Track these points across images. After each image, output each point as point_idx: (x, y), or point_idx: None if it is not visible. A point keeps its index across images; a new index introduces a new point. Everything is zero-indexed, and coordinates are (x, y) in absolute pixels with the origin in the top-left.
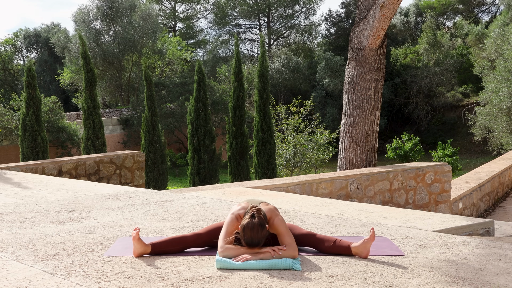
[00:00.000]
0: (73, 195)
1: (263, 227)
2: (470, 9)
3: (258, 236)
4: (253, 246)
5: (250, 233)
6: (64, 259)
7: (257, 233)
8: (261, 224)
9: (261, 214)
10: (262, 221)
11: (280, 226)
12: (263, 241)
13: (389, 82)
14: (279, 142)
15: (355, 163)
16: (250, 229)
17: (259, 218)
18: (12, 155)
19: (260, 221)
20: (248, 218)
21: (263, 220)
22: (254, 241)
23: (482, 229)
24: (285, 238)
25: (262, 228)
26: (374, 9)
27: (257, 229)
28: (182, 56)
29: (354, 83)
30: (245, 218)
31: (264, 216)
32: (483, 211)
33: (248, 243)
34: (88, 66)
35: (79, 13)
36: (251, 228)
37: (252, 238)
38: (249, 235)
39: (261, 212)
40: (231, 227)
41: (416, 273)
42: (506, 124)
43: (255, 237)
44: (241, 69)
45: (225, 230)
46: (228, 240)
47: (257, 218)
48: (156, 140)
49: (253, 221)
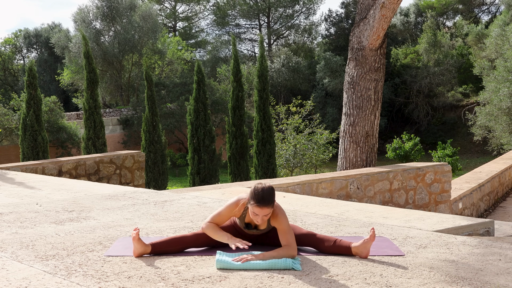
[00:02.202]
0: (73, 195)
1: (272, 192)
2: (470, 9)
3: (268, 195)
4: (263, 204)
5: (261, 191)
6: (64, 259)
7: (268, 193)
8: (271, 189)
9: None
10: (272, 189)
11: (283, 222)
12: (271, 205)
13: (389, 82)
14: (279, 142)
15: (355, 163)
16: (261, 188)
17: (270, 186)
18: (12, 155)
19: (270, 187)
20: (258, 184)
21: (273, 190)
22: (265, 198)
23: (482, 229)
24: (286, 236)
25: (272, 192)
26: (374, 9)
27: (267, 190)
28: (182, 56)
29: (354, 83)
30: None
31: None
32: (483, 211)
33: (258, 199)
34: (90, 66)
35: (79, 13)
36: (262, 187)
37: (263, 195)
38: (260, 192)
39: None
40: (228, 210)
41: (416, 273)
42: (506, 124)
43: (266, 195)
44: (240, 69)
45: (222, 209)
46: (215, 219)
47: (268, 185)
48: (156, 140)
49: (263, 184)
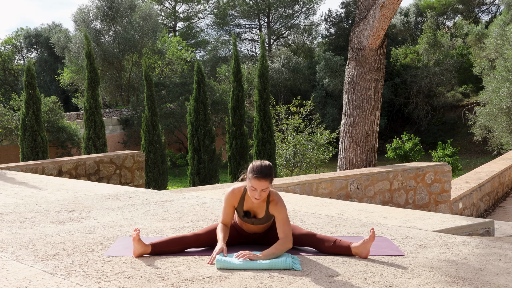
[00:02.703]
0: (73, 195)
1: (271, 168)
2: (470, 9)
3: (266, 169)
4: (261, 176)
5: (260, 165)
6: (64, 259)
7: (266, 167)
8: (270, 165)
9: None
10: (271, 165)
11: (283, 211)
12: (269, 179)
13: (389, 82)
14: (279, 142)
15: (355, 163)
16: (260, 162)
17: (268, 163)
18: (12, 155)
19: (269, 163)
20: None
21: (271, 166)
22: (264, 171)
23: (482, 229)
24: (284, 227)
25: (270, 167)
26: (374, 9)
27: (266, 164)
28: (182, 56)
29: (354, 83)
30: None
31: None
32: (483, 211)
33: (257, 171)
34: (91, 65)
35: (79, 13)
36: (260, 162)
37: (261, 168)
38: (259, 166)
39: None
40: (227, 202)
41: (416, 273)
42: (506, 124)
43: (264, 168)
44: (240, 69)
45: (224, 205)
46: (223, 218)
47: (266, 161)
48: (156, 140)
49: (262, 160)
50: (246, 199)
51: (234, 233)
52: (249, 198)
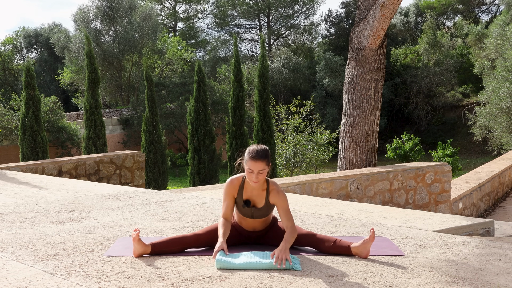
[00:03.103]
0: (73, 195)
1: (267, 150)
2: (470, 9)
3: (262, 151)
4: (257, 157)
5: (256, 147)
6: (64, 259)
7: (262, 149)
8: (266, 148)
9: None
10: (267, 149)
11: (284, 199)
12: (265, 160)
13: (389, 82)
14: (279, 142)
15: (355, 163)
16: (256, 146)
17: (265, 146)
18: (12, 155)
19: (265, 147)
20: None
21: (268, 150)
22: (259, 152)
23: (482, 229)
24: (288, 215)
25: (266, 150)
26: (374, 9)
27: (262, 147)
28: (182, 56)
29: (354, 83)
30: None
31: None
32: (483, 211)
33: (253, 153)
34: (92, 65)
35: (79, 13)
36: (256, 145)
37: (257, 150)
38: (255, 148)
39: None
40: (227, 194)
41: (416, 273)
42: (506, 124)
43: (260, 150)
44: (241, 69)
45: (224, 197)
46: (224, 211)
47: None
48: (156, 140)
49: (258, 144)
50: (245, 188)
51: (234, 233)
52: (248, 186)
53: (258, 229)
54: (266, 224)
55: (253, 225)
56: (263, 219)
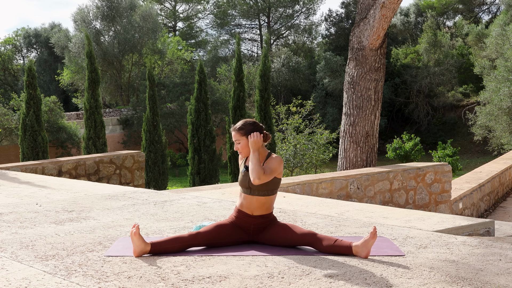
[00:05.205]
0: (73, 195)
1: (246, 122)
2: (470, 9)
3: (240, 123)
4: (233, 129)
5: (239, 120)
6: (64, 259)
7: (241, 121)
8: (248, 121)
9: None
10: (248, 121)
11: (274, 162)
12: (240, 131)
13: (389, 82)
14: (279, 142)
15: (355, 163)
16: (244, 120)
17: (250, 120)
18: (12, 155)
19: (250, 120)
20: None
21: (248, 122)
22: (237, 124)
23: (482, 229)
24: (267, 166)
25: (246, 122)
26: (374, 9)
27: (244, 120)
28: (182, 56)
29: (354, 83)
30: None
31: (264, 133)
32: (483, 211)
33: (233, 124)
34: (92, 65)
35: (79, 13)
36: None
37: (237, 122)
38: (238, 121)
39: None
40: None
41: (416, 273)
42: (507, 123)
43: (239, 122)
44: (242, 69)
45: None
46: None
47: (250, 119)
48: (157, 140)
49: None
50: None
51: (234, 232)
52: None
53: (256, 213)
54: (264, 211)
55: (252, 206)
56: (261, 201)
